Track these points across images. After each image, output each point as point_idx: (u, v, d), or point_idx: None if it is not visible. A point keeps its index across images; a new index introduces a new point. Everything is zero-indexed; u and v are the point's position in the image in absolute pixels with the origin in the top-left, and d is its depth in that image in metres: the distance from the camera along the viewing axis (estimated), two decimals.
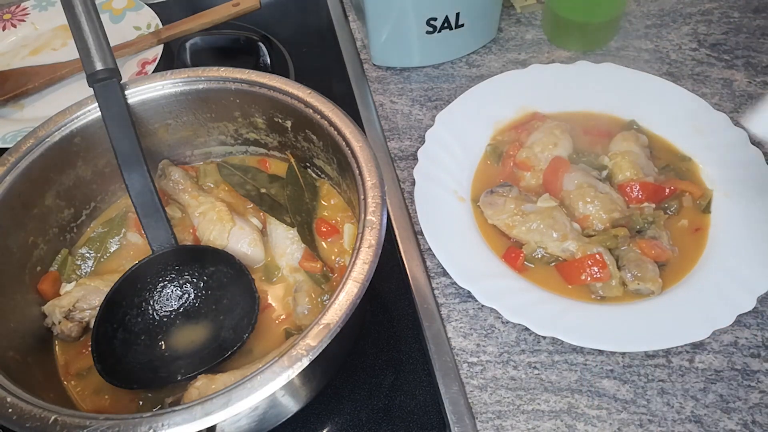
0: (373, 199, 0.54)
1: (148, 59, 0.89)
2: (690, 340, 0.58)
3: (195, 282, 0.61)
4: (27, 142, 0.61)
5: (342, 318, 0.47)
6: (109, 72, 0.62)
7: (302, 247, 0.64)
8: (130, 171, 0.61)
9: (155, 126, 0.68)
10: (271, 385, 0.45)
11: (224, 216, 0.65)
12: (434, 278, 0.68)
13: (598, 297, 0.63)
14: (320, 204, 0.68)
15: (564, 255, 0.65)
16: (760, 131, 0.63)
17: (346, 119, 0.60)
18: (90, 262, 0.66)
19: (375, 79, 0.90)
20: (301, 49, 0.96)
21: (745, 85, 0.83)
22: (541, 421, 0.58)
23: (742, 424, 0.57)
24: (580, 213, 0.67)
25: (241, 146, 0.72)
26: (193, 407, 0.44)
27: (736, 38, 0.90)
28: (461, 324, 0.64)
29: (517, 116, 0.78)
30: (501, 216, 0.67)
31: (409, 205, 0.74)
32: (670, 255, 0.65)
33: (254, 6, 0.94)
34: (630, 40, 0.91)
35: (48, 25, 1.00)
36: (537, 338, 0.63)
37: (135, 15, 0.97)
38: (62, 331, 0.59)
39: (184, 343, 0.59)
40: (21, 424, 0.45)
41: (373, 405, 0.60)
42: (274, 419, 0.55)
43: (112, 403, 0.57)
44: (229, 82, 0.65)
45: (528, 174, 0.72)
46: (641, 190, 0.68)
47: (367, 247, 0.51)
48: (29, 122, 0.83)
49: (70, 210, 0.66)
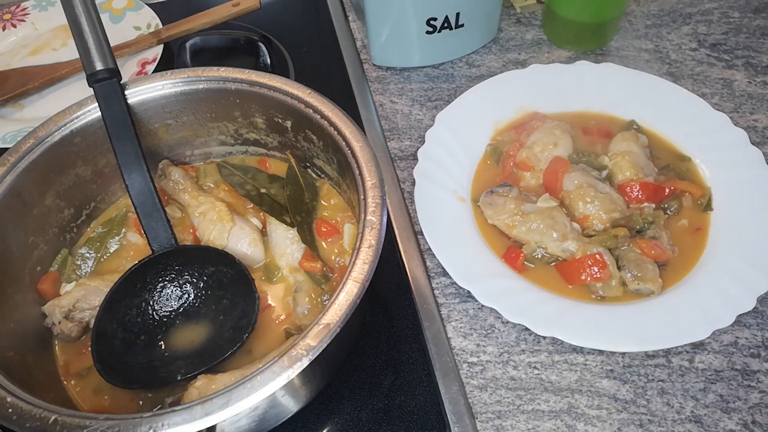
0: (373, 199, 0.54)
1: (148, 59, 0.89)
2: (690, 340, 0.58)
3: (195, 282, 0.61)
4: (27, 142, 0.61)
5: (342, 318, 0.47)
6: (109, 72, 0.62)
7: (302, 247, 0.64)
8: (130, 171, 0.61)
9: (155, 126, 0.68)
10: (271, 385, 0.45)
11: (224, 216, 0.65)
12: (434, 278, 0.68)
13: (598, 297, 0.63)
14: (320, 204, 0.68)
15: (564, 255, 0.65)
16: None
17: (346, 119, 0.60)
18: (90, 262, 0.66)
19: (375, 79, 0.90)
20: (301, 49, 0.96)
21: (745, 85, 0.83)
22: (541, 421, 0.58)
23: (742, 424, 0.57)
24: (580, 213, 0.67)
25: (241, 146, 0.72)
26: (193, 407, 0.44)
27: (736, 38, 0.90)
28: (461, 324, 0.64)
29: (517, 116, 0.78)
30: (501, 216, 0.67)
31: (409, 205, 0.74)
32: (670, 255, 0.65)
33: (254, 6, 0.94)
34: (630, 40, 0.91)
35: (48, 25, 1.00)
36: (537, 338, 0.63)
37: (135, 15, 0.97)
38: (62, 331, 0.59)
39: (184, 343, 0.59)
40: (21, 424, 0.45)
41: (373, 405, 0.60)
42: (274, 419, 0.55)
43: (112, 403, 0.57)
44: (229, 82, 0.65)
45: (528, 174, 0.72)
46: (641, 190, 0.68)
47: (367, 247, 0.51)
48: (29, 122, 0.83)
49: (70, 210, 0.66)
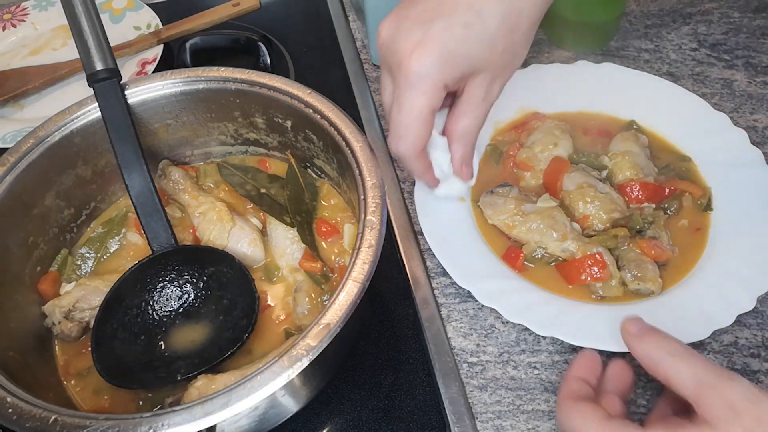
0: (373, 199, 0.54)
1: (148, 59, 0.89)
2: (690, 340, 0.58)
3: (195, 282, 0.61)
4: (27, 142, 0.61)
5: (342, 318, 0.47)
6: (109, 72, 0.62)
7: (302, 247, 0.64)
8: (130, 171, 0.61)
9: (155, 126, 0.68)
10: (271, 385, 0.45)
11: (224, 216, 0.65)
12: (434, 278, 0.68)
13: (598, 297, 0.63)
14: (320, 204, 0.68)
15: (564, 255, 0.65)
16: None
17: (346, 119, 0.60)
18: (90, 262, 0.66)
19: (375, 79, 0.90)
20: (301, 49, 0.96)
21: (745, 85, 0.83)
22: (541, 421, 0.58)
23: None
24: (580, 213, 0.67)
25: (241, 146, 0.72)
26: (193, 407, 0.44)
27: (736, 38, 0.90)
28: (461, 324, 0.64)
29: (517, 116, 0.78)
30: (501, 216, 0.67)
31: (409, 205, 0.74)
32: (670, 255, 0.65)
33: (254, 6, 0.94)
34: (630, 40, 0.91)
35: (48, 25, 1.00)
36: (537, 338, 0.63)
37: (135, 15, 0.97)
38: (62, 331, 0.59)
39: (184, 343, 0.59)
40: (21, 424, 0.45)
41: (373, 405, 0.60)
42: (274, 419, 0.55)
43: (112, 403, 0.57)
44: (229, 82, 0.65)
45: (528, 174, 0.72)
46: (641, 190, 0.68)
47: (367, 247, 0.51)
48: (29, 122, 0.83)
49: (70, 210, 0.66)
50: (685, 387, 0.44)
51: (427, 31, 0.47)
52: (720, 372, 0.43)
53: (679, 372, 0.44)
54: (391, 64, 0.51)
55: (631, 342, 0.49)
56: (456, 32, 0.48)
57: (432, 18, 0.48)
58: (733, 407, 0.41)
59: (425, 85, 0.49)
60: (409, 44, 0.48)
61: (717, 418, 0.41)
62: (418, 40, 0.48)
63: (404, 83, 0.50)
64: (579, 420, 0.46)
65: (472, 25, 0.48)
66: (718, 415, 0.41)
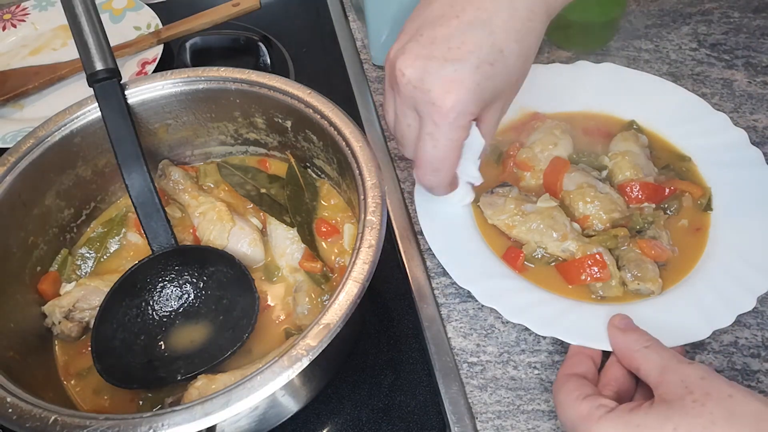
0: (373, 199, 0.54)
1: (148, 59, 0.89)
2: (690, 340, 0.58)
3: (195, 282, 0.61)
4: (27, 142, 0.61)
5: (342, 318, 0.47)
6: (109, 72, 0.62)
7: (302, 247, 0.64)
8: (130, 171, 0.61)
9: (155, 126, 0.68)
10: (271, 385, 0.45)
11: (224, 216, 0.65)
12: (434, 278, 0.68)
13: (598, 297, 0.63)
14: (320, 204, 0.68)
15: (564, 255, 0.65)
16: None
17: (346, 119, 0.60)
18: (90, 262, 0.66)
19: (375, 79, 0.90)
20: (301, 49, 0.96)
21: (745, 85, 0.83)
22: (541, 421, 0.58)
23: None
24: (580, 213, 0.67)
25: (241, 146, 0.73)
26: (193, 407, 0.44)
27: (736, 38, 0.90)
28: (461, 324, 0.64)
29: (517, 116, 0.78)
30: (501, 216, 0.67)
31: (409, 205, 0.74)
32: (670, 255, 0.65)
33: (254, 6, 0.94)
34: (630, 40, 0.91)
35: (48, 25, 1.00)
36: (537, 338, 0.63)
37: (135, 15, 0.97)
38: (62, 331, 0.59)
39: (184, 343, 0.59)
40: (21, 424, 0.45)
41: (373, 405, 0.60)
42: (274, 419, 0.55)
43: (112, 403, 0.57)
44: (229, 82, 0.65)
45: (528, 174, 0.72)
46: (641, 190, 0.68)
47: (367, 247, 0.51)
48: (29, 122, 0.83)
49: (70, 210, 0.66)
50: (651, 375, 0.48)
51: (459, 71, 0.51)
52: (682, 359, 0.48)
53: (649, 360, 0.49)
54: (419, 103, 0.54)
55: (614, 334, 0.55)
56: (485, 70, 0.52)
57: (460, 58, 0.52)
58: (686, 384, 0.45)
59: (463, 120, 0.53)
60: (444, 84, 0.52)
61: (672, 394, 0.45)
62: (451, 79, 0.52)
63: (441, 120, 0.53)
64: (563, 395, 0.50)
65: (497, 62, 0.52)
66: (673, 391, 0.45)
